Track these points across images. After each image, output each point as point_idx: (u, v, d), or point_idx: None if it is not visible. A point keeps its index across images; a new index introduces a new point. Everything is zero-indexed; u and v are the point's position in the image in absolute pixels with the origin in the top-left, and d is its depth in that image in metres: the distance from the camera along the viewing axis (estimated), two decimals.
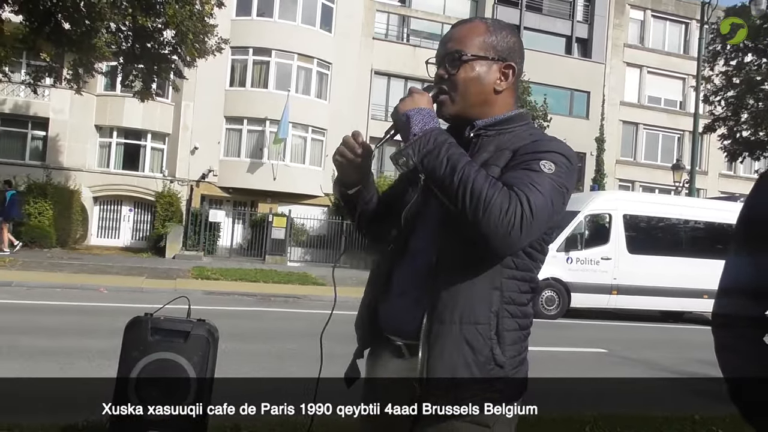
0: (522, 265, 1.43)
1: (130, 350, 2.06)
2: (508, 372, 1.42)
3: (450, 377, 1.38)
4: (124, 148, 22.60)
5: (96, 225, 22.44)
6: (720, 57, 21.10)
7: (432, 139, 1.35)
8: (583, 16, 27.60)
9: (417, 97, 1.43)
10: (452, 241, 1.39)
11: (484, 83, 1.49)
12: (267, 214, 20.92)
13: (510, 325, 1.42)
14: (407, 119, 1.39)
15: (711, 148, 26.22)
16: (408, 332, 1.46)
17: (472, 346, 1.39)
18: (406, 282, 1.49)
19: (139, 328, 2.08)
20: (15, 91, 20.45)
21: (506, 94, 1.52)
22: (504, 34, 1.53)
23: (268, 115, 21.71)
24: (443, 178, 1.31)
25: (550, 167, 1.36)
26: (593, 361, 7.71)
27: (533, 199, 1.29)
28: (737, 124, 21.12)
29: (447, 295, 1.40)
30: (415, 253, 1.49)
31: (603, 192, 15.78)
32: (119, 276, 12.87)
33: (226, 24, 19.61)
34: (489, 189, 1.28)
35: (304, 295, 12.23)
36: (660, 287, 12.61)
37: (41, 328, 7.12)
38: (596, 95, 26.76)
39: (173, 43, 15.78)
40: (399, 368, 1.49)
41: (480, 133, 1.48)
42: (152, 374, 2.01)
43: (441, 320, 1.40)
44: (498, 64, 1.50)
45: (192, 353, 2.04)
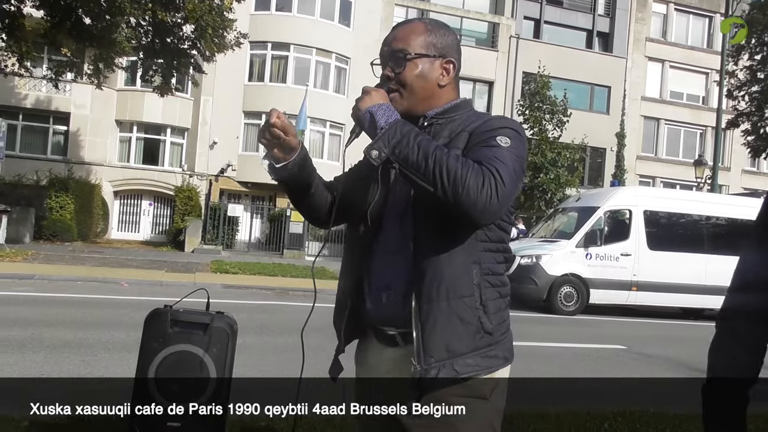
0: (495, 237, 1.54)
1: (150, 342, 2.08)
2: (497, 338, 1.52)
3: (445, 351, 1.47)
4: (143, 142, 22.84)
5: (116, 219, 22.72)
6: (744, 51, 20.73)
7: (398, 129, 1.44)
8: (604, 10, 27.27)
9: (374, 94, 1.51)
10: (426, 224, 1.48)
11: (428, 79, 1.59)
12: (285, 209, 21.01)
13: (492, 295, 1.53)
14: (371, 115, 1.47)
15: (734, 144, 25.83)
16: (400, 320, 1.53)
17: (462, 318, 1.48)
18: (388, 273, 1.56)
19: (159, 320, 2.10)
20: (37, 86, 20.74)
21: (449, 87, 1.62)
22: (442, 32, 1.62)
23: (286, 109, 21.54)
24: (417, 163, 1.39)
25: (506, 141, 1.47)
26: (612, 357, 7.65)
27: (502, 170, 1.40)
28: (761, 120, 20.77)
29: (430, 275, 1.48)
30: (389, 244, 1.56)
31: (623, 188, 15.60)
32: (140, 269, 13.02)
33: (245, 19, 19.69)
34: (462, 168, 1.38)
35: (321, 289, 12.16)
36: (680, 284, 12.45)
37: (64, 320, 7.22)
38: (617, 90, 26.44)
39: (192, 38, 15.88)
40: (395, 356, 1.56)
41: (432, 122, 1.58)
42: (172, 366, 2.03)
43: (429, 299, 1.48)
44: (439, 61, 1.60)
45: (211, 345, 2.06)
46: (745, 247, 1.44)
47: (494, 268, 1.54)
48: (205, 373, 2.01)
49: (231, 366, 2.08)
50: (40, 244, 16.76)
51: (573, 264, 11.99)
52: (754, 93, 20.84)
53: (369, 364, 1.63)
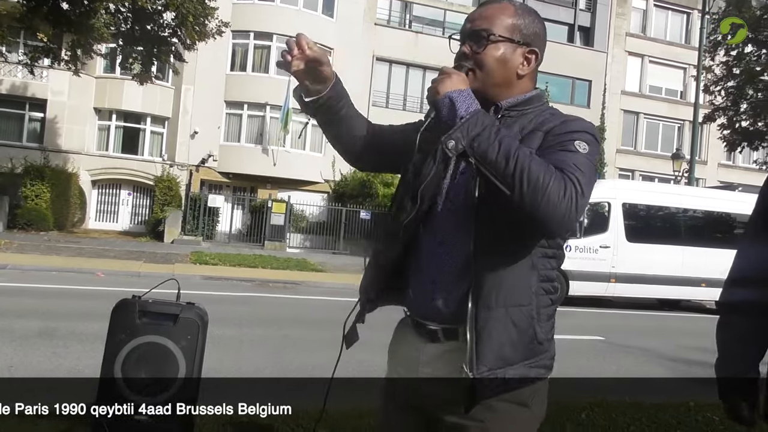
0: (554, 243, 1.47)
1: (117, 333, 2.02)
2: (546, 348, 1.47)
3: (500, 361, 1.40)
4: (123, 131, 22.51)
5: (94, 208, 22.40)
6: (721, 47, 20.96)
7: (480, 121, 1.33)
8: (585, 5, 27.40)
9: (455, 77, 1.40)
10: (494, 224, 1.39)
11: (507, 65, 1.49)
12: (266, 200, 20.89)
13: (545, 302, 1.46)
14: (450, 101, 1.36)
15: (711, 138, 26.14)
16: (444, 317, 1.47)
17: (518, 326, 1.41)
18: (438, 267, 1.48)
19: (127, 310, 2.04)
20: (12, 72, 20.31)
21: (527, 78, 1.53)
22: (531, 18, 1.54)
23: (268, 100, 21.59)
24: (497, 162, 1.29)
25: (585, 147, 1.39)
26: (590, 348, 7.72)
27: (582, 180, 1.32)
28: (737, 114, 21.04)
29: (491, 280, 1.41)
30: (446, 236, 1.48)
31: (603, 180, 15.73)
32: (116, 260, 12.85)
33: (227, 7, 19.44)
34: (545, 174, 1.28)
35: (302, 281, 12.22)
36: (658, 275, 12.61)
37: (36, 311, 7.10)
38: (598, 84, 26.62)
39: (173, 26, 15.66)
40: (435, 352, 1.50)
41: (504, 114, 1.49)
42: (139, 358, 1.98)
43: (487, 306, 1.40)
44: (522, 49, 1.51)
45: (180, 337, 2.00)
46: (742, 241, 1.47)
47: (549, 274, 1.47)
48: (173, 365, 1.96)
49: (201, 358, 2.03)
50: (14, 233, 16.46)
51: None
52: (730, 88, 21.10)
53: (405, 358, 1.56)
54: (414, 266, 1.53)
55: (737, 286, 1.43)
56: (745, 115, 20.83)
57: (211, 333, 2.15)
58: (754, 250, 1.40)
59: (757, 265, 1.38)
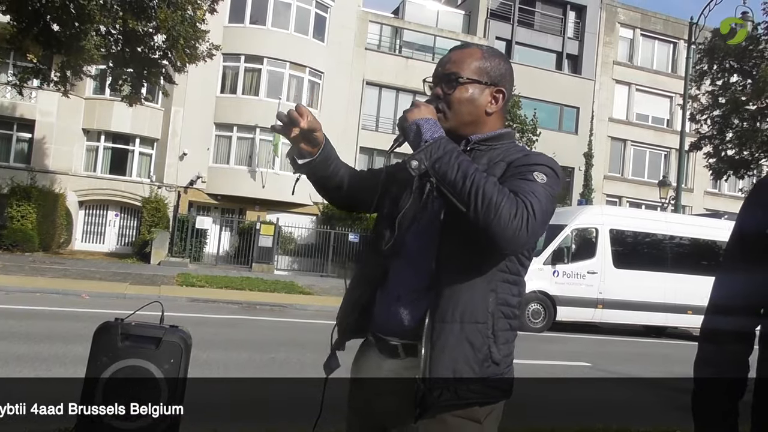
0: (513, 269, 1.55)
1: (99, 356, 1.99)
2: (502, 370, 1.53)
3: (452, 374, 1.46)
4: (111, 152, 22.45)
5: (81, 230, 22.22)
6: (707, 77, 21.30)
7: (442, 146, 1.45)
8: (573, 33, 27.86)
9: (423, 108, 1.54)
10: (454, 244, 1.49)
11: (476, 104, 1.61)
12: (255, 222, 20.82)
13: (503, 326, 1.53)
14: (417, 127, 1.49)
15: (697, 165, 26.47)
16: (405, 332, 1.54)
17: (473, 343, 1.48)
18: (403, 285, 1.57)
19: (109, 333, 2.01)
20: (1, 92, 20.26)
21: (495, 116, 1.64)
22: (498, 61, 1.65)
23: (258, 122, 21.65)
24: (455, 182, 1.40)
25: (543, 178, 1.49)
26: (577, 374, 7.69)
27: (535, 204, 1.41)
28: (722, 143, 21.30)
29: (448, 296, 1.49)
30: (412, 256, 1.58)
31: (590, 206, 15.84)
32: (102, 282, 12.71)
33: (218, 30, 19.57)
34: (498, 194, 1.39)
35: (290, 303, 12.13)
36: (645, 302, 12.64)
37: (18, 333, 6.99)
38: (585, 111, 26.96)
39: (164, 48, 15.69)
40: (394, 367, 1.57)
41: (474, 147, 1.61)
42: (121, 382, 1.95)
43: (443, 319, 1.47)
44: (490, 89, 1.62)
45: (163, 360, 1.98)
46: (720, 269, 1.48)
47: (509, 299, 1.55)
48: (155, 389, 1.94)
49: (184, 382, 2.00)
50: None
51: (540, 281, 12.09)
52: (716, 117, 21.38)
53: (366, 373, 1.64)
54: (384, 285, 1.60)
55: (718, 313, 1.44)
56: (730, 144, 21.08)
57: (196, 356, 2.12)
58: (731, 278, 1.42)
59: (735, 293, 1.39)
